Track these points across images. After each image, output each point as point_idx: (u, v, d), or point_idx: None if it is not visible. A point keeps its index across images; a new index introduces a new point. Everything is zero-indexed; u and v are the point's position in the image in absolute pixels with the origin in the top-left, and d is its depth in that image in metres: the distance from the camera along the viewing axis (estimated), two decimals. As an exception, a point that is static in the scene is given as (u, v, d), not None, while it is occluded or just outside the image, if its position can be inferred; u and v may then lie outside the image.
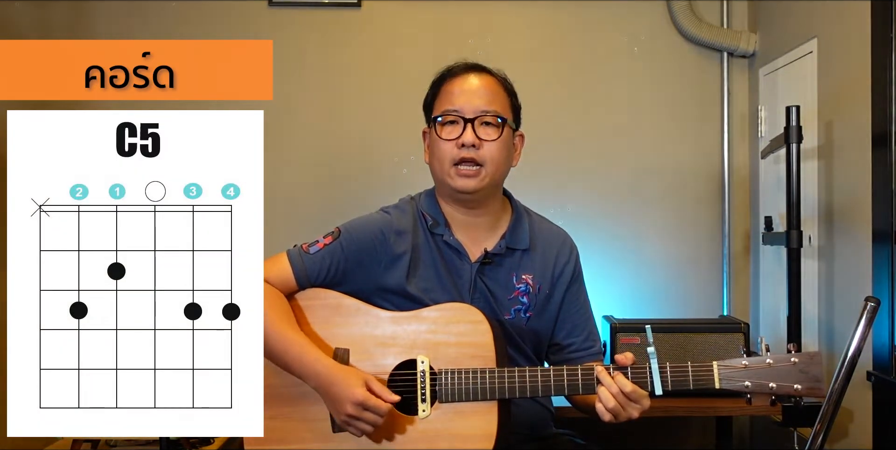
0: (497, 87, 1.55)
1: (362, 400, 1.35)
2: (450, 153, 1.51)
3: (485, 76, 1.55)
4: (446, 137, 1.52)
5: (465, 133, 1.50)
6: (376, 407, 1.35)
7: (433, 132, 1.55)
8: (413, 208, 1.59)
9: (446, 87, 1.55)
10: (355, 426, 1.37)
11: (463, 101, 1.52)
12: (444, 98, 1.55)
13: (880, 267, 1.97)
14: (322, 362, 1.40)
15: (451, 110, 1.52)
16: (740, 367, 1.32)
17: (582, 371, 1.37)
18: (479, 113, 1.51)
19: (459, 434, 1.38)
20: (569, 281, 1.61)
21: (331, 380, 1.38)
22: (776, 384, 1.30)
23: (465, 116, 1.51)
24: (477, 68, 1.56)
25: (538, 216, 1.67)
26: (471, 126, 1.50)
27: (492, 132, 1.52)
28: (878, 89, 2.00)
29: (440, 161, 1.53)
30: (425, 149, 1.60)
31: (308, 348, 1.41)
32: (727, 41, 2.84)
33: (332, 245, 1.52)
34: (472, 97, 1.52)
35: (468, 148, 1.50)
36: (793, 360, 1.31)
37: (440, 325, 1.44)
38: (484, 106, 1.51)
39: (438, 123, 1.53)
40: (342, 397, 1.36)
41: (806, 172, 2.31)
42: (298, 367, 1.41)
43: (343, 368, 1.41)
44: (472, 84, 1.53)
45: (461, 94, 1.52)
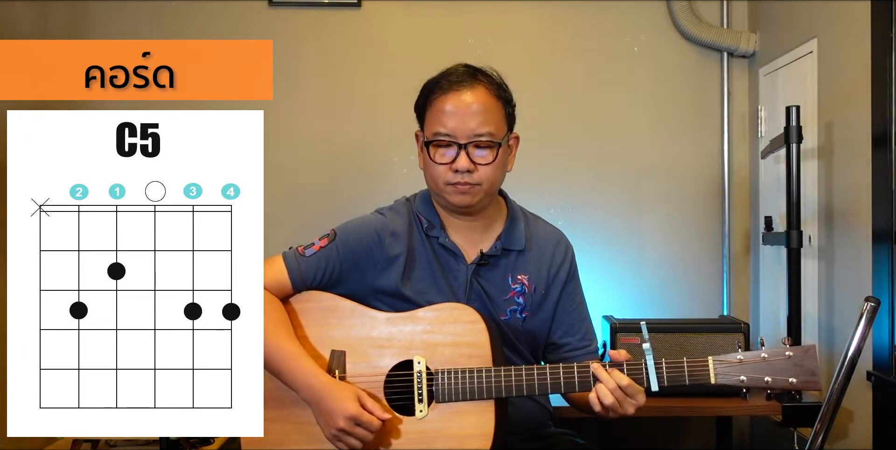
0: (490, 99, 1.49)
1: (355, 415, 1.35)
2: (443, 176, 1.49)
3: (478, 89, 1.48)
4: (439, 160, 1.48)
5: (458, 159, 1.46)
6: (369, 423, 1.35)
7: (426, 153, 1.50)
8: (408, 210, 1.59)
9: (438, 103, 1.49)
10: (345, 441, 1.37)
11: (456, 122, 1.46)
12: (435, 117, 1.49)
13: (880, 267, 1.97)
14: (318, 376, 1.40)
15: (444, 134, 1.47)
16: (735, 362, 1.32)
17: (578, 369, 1.38)
18: (473, 138, 1.46)
19: (457, 434, 1.38)
20: (564, 281, 1.61)
21: (323, 394, 1.38)
22: (771, 378, 1.30)
23: (459, 142, 1.46)
24: (469, 78, 1.49)
25: (533, 216, 1.67)
26: (465, 151, 1.46)
27: (487, 155, 1.48)
28: (878, 89, 2.00)
29: (434, 180, 1.51)
30: (419, 152, 1.56)
31: (304, 360, 1.41)
32: (727, 41, 2.84)
33: (327, 247, 1.52)
34: (466, 119, 1.46)
35: (462, 173, 1.47)
36: (788, 354, 1.31)
37: (436, 325, 1.44)
38: (478, 128, 1.46)
39: (432, 145, 1.49)
40: (334, 410, 1.36)
41: (806, 172, 2.31)
42: (292, 378, 1.41)
43: (337, 383, 1.41)
44: (464, 102, 1.46)
45: (454, 115, 1.46)
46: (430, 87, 1.52)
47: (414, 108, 1.57)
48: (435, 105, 1.49)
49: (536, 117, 2.85)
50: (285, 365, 1.41)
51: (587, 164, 2.91)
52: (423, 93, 1.54)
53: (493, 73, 1.54)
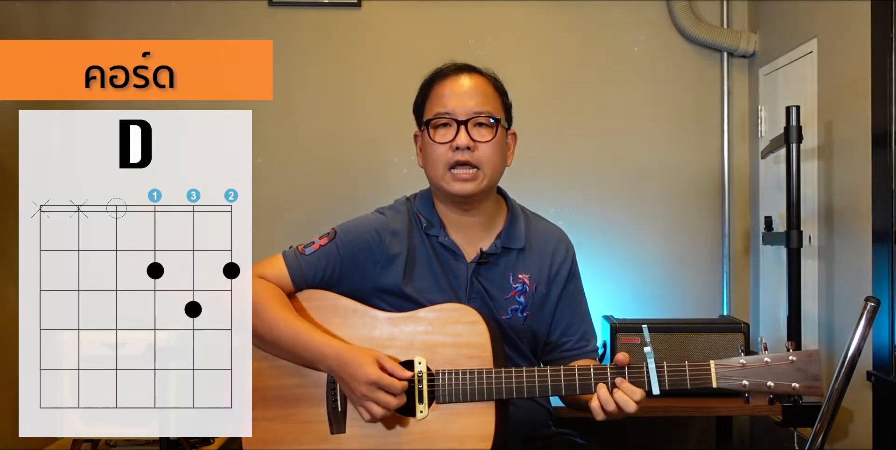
0: (488, 86, 1.54)
1: (375, 379, 1.34)
2: (444, 156, 1.51)
3: (475, 76, 1.54)
4: (439, 140, 1.51)
5: (458, 135, 1.49)
6: (390, 386, 1.35)
7: (426, 136, 1.54)
8: (408, 209, 1.60)
9: (436, 89, 1.53)
10: (368, 408, 1.35)
11: (455, 102, 1.50)
12: (434, 101, 1.53)
13: (880, 267, 1.97)
14: (332, 344, 1.40)
15: (443, 113, 1.51)
16: (737, 366, 1.31)
17: (579, 372, 1.37)
18: (472, 114, 1.50)
19: (457, 435, 1.38)
20: (565, 280, 1.61)
21: (342, 360, 1.37)
22: (774, 383, 1.29)
23: (458, 118, 1.50)
24: (466, 68, 1.55)
25: (534, 215, 1.67)
26: (464, 128, 1.49)
27: (486, 133, 1.51)
28: (878, 89, 2.00)
29: (434, 165, 1.52)
30: (417, 153, 1.59)
31: (315, 333, 1.42)
32: (727, 41, 2.84)
33: (327, 246, 1.53)
34: (464, 98, 1.51)
35: (463, 150, 1.49)
36: (791, 359, 1.30)
37: (437, 326, 1.44)
38: (476, 107, 1.50)
39: (431, 125, 1.52)
40: (354, 377, 1.36)
41: (806, 172, 2.31)
42: (309, 353, 1.41)
43: (354, 347, 1.41)
44: (463, 85, 1.52)
45: (452, 96, 1.51)
46: (427, 82, 1.56)
47: (413, 110, 1.60)
48: (434, 92, 1.54)
49: (536, 117, 2.85)
50: (299, 342, 1.41)
51: (587, 164, 2.91)
52: (421, 90, 1.58)
53: (488, 69, 1.58)
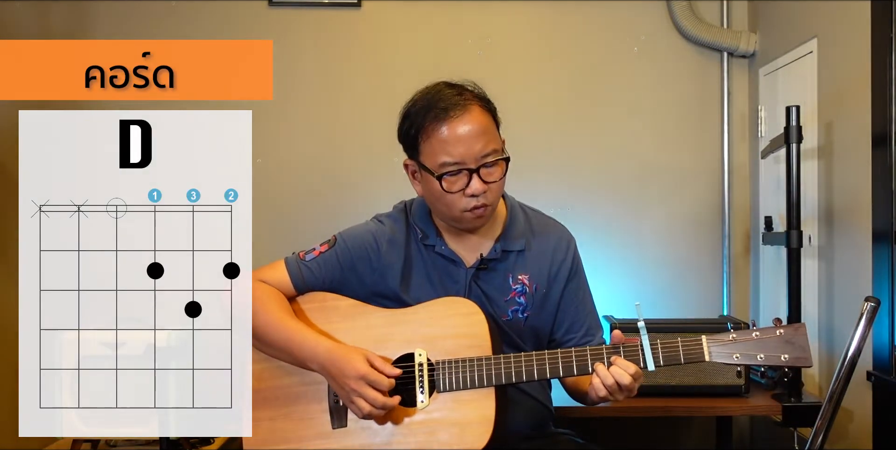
0: (485, 116, 1.45)
1: (364, 374, 1.36)
2: (458, 203, 1.46)
3: (471, 109, 1.44)
4: (450, 188, 1.44)
5: (472, 184, 1.43)
6: (377, 381, 1.37)
7: (433, 184, 1.45)
8: (405, 219, 1.60)
9: (436, 134, 1.43)
10: (357, 404, 1.37)
11: (462, 150, 1.42)
12: (437, 147, 1.43)
13: (880, 267, 1.97)
14: (322, 343, 1.42)
15: (452, 163, 1.43)
16: (728, 340, 1.35)
17: (576, 353, 1.40)
18: (482, 160, 1.44)
19: (459, 421, 1.40)
20: (566, 278, 1.61)
21: (332, 357, 1.40)
22: (764, 355, 1.33)
23: (470, 167, 1.43)
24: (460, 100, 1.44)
25: (533, 211, 1.66)
26: (477, 176, 1.44)
27: (496, 172, 1.46)
28: (878, 89, 2.00)
29: (449, 208, 1.48)
30: (412, 181, 1.53)
31: (307, 333, 1.44)
32: (727, 41, 2.84)
33: (327, 253, 1.55)
34: (471, 142, 1.42)
35: (478, 196, 1.45)
36: (778, 332, 1.34)
37: (436, 319, 1.46)
38: (484, 149, 1.43)
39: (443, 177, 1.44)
40: (343, 373, 1.38)
41: (806, 172, 2.31)
42: (300, 352, 1.43)
43: (343, 346, 1.43)
44: (465, 126, 1.42)
45: (458, 143, 1.42)
46: (420, 116, 1.45)
47: (399, 137, 1.51)
48: (433, 136, 1.44)
49: (536, 117, 2.85)
50: (293, 343, 1.43)
51: (587, 164, 2.91)
52: (411, 121, 1.47)
53: (475, 88, 1.50)
